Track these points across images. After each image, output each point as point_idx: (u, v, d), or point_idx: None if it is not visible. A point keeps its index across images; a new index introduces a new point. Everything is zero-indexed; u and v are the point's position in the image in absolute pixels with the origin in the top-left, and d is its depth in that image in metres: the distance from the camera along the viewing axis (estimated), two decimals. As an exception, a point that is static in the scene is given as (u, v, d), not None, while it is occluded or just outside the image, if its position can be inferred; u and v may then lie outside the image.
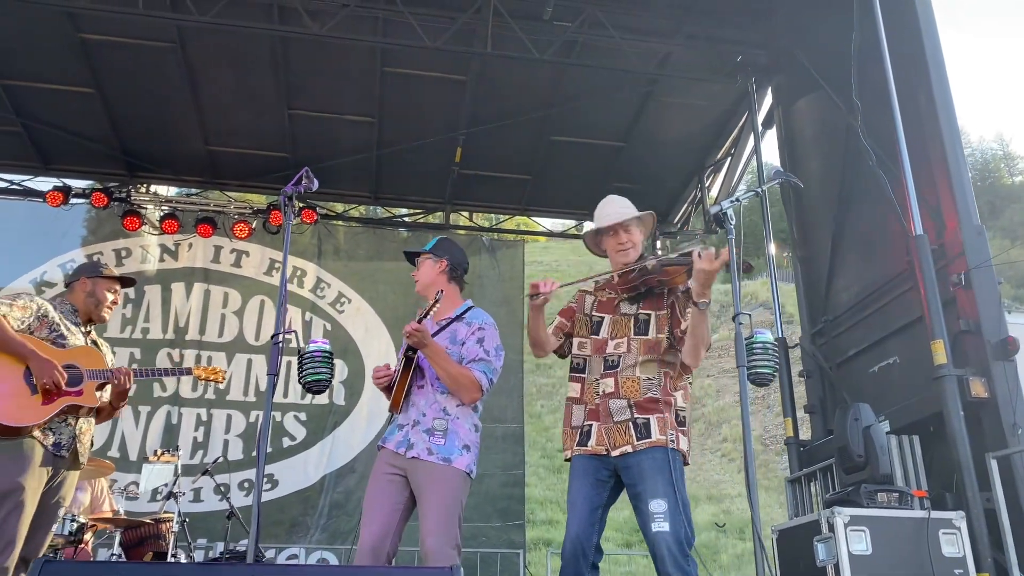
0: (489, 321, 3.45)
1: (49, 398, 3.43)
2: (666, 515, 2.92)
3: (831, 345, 6.28)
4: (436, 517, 3.12)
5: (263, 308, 8.51)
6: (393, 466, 3.27)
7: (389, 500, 3.21)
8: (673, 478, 2.98)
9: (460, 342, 3.37)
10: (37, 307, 3.63)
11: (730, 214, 2.72)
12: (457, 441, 3.26)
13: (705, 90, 7.78)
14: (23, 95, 7.64)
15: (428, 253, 3.57)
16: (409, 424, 3.31)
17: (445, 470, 3.20)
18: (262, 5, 6.72)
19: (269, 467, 7.98)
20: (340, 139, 8.25)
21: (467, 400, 3.31)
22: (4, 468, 3.32)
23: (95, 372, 3.59)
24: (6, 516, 3.25)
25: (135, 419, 7.81)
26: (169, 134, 8.15)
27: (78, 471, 3.71)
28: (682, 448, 3.13)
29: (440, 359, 3.26)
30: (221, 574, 1.75)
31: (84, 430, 3.67)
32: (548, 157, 8.61)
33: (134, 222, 8.34)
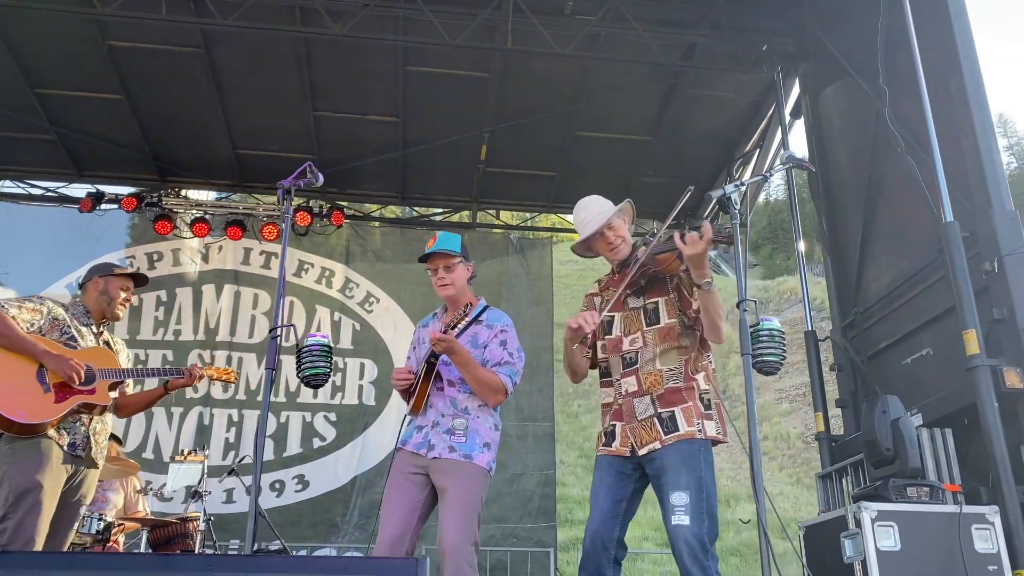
0: (509, 322, 3.44)
1: (62, 396, 3.48)
2: (687, 508, 2.83)
3: (862, 338, 6.13)
4: (456, 513, 3.11)
5: (293, 309, 8.57)
6: (414, 466, 3.26)
7: (408, 499, 3.21)
8: (699, 470, 2.90)
9: (483, 345, 3.36)
10: (48, 310, 3.69)
11: (734, 198, 2.65)
12: (478, 439, 3.26)
13: (731, 81, 7.67)
14: (56, 104, 7.80)
15: (459, 256, 3.48)
16: (428, 426, 3.30)
17: (467, 466, 3.19)
18: (284, 7, 6.76)
19: (300, 468, 8.04)
20: (365, 139, 8.28)
21: (492, 403, 3.31)
22: (22, 467, 3.38)
23: (108, 371, 3.64)
24: (25, 514, 3.30)
25: (168, 421, 7.93)
26: (197, 138, 8.25)
27: (97, 469, 3.75)
28: (710, 435, 3.03)
29: (469, 366, 3.25)
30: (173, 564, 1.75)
31: (99, 430, 3.71)
32: (574, 153, 8.55)
33: (165, 226, 8.48)
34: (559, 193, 9.11)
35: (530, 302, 8.87)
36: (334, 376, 8.28)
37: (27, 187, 8.74)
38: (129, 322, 8.25)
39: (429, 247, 3.44)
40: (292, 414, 8.22)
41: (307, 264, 8.77)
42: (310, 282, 8.74)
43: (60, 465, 3.48)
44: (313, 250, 8.83)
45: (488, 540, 8.01)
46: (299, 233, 8.75)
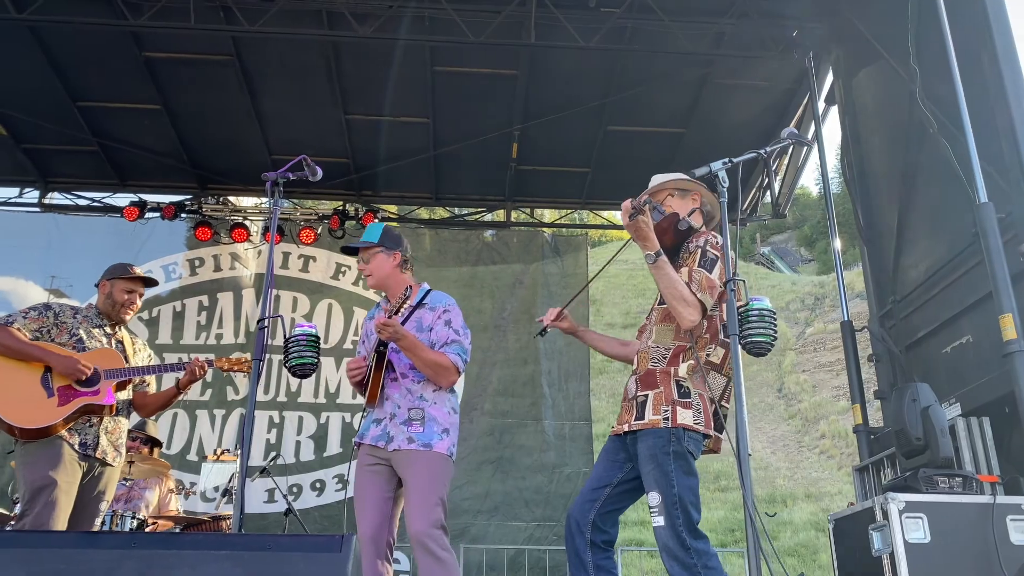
0: (451, 301, 3.46)
1: (65, 399, 3.61)
2: (660, 508, 2.78)
3: (900, 327, 5.94)
4: (420, 501, 3.14)
5: (331, 311, 8.68)
6: (375, 458, 3.29)
7: (378, 490, 3.25)
8: (667, 464, 2.81)
9: (428, 328, 3.38)
10: (54, 315, 3.83)
11: (721, 176, 2.58)
12: (436, 427, 3.28)
13: (763, 69, 7.52)
14: (98, 116, 8.04)
15: (378, 246, 3.49)
16: (386, 418, 3.33)
17: (427, 455, 3.22)
18: (310, 12, 6.85)
19: (340, 468, 8.11)
20: (397, 141, 8.33)
21: (445, 384, 3.33)
22: (37, 465, 3.52)
23: (112, 372, 3.73)
24: (40, 510, 3.43)
25: (211, 422, 8.09)
26: (234, 145, 8.42)
27: (114, 468, 3.85)
28: (681, 422, 2.88)
29: (416, 349, 3.27)
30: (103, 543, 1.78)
31: (111, 429, 3.81)
32: (607, 148, 8.47)
33: (205, 233, 8.66)
34: (593, 189, 9.04)
35: (563, 300, 8.82)
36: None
37: (74, 198, 9.04)
38: (172, 327, 8.46)
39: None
40: (332, 415, 8.30)
41: (344, 267, 8.87)
42: (347, 284, 8.83)
43: (73, 463, 3.60)
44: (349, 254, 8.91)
45: (528, 539, 8.00)
46: (336, 236, 8.86)
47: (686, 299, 2.90)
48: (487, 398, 8.52)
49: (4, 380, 3.62)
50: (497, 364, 8.63)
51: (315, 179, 3.22)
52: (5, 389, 3.59)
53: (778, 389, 27.02)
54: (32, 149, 8.46)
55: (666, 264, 2.92)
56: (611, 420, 10.65)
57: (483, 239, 9.40)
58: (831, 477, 21.43)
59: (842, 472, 21.56)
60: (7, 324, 3.73)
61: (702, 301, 2.92)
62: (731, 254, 2.66)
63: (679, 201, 3.30)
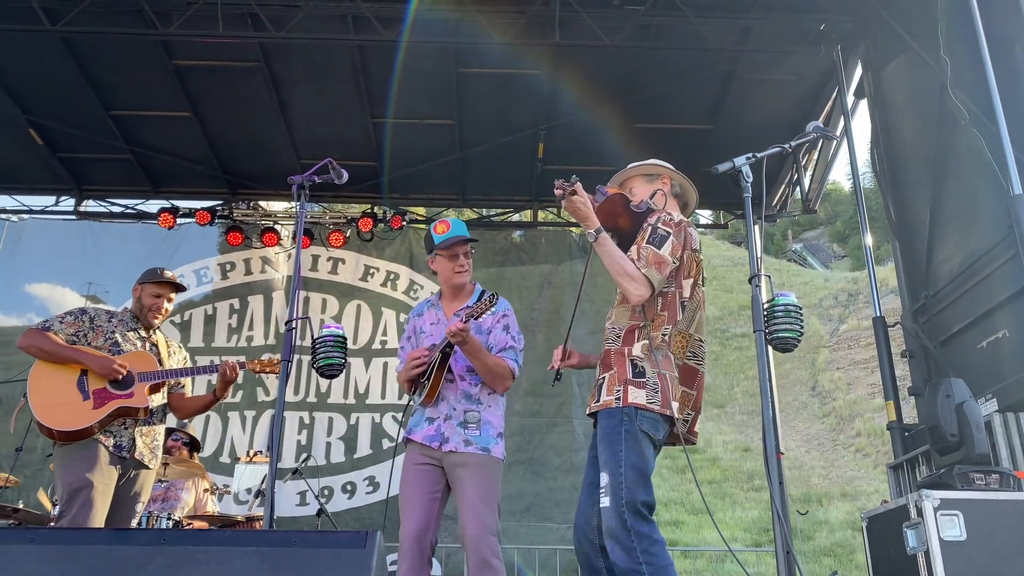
0: (509, 306, 3.50)
1: (100, 402, 3.69)
2: (607, 489, 2.74)
3: (934, 322, 5.85)
4: (477, 505, 3.13)
5: (360, 312, 8.74)
6: (427, 458, 3.28)
7: (426, 491, 3.25)
8: (617, 443, 2.77)
9: (486, 331, 3.39)
10: (89, 319, 3.92)
11: (745, 171, 2.57)
12: (491, 430, 3.29)
13: (791, 63, 7.43)
14: (131, 124, 8.18)
15: (470, 243, 3.58)
16: (440, 418, 3.33)
17: (484, 459, 3.23)
18: (336, 17, 6.91)
19: (370, 469, 8.16)
20: (423, 144, 8.38)
21: (501, 389, 3.35)
22: (74, 467, 3.60)
23: (145, 375, 3.79)
24: (78, 510, 3.51)
25: (242, 423, 8.18)
26: (263, 151, 8.51)
27: (150, 470, 3.91)
28: (632, 401, 2.82)
29: (480, 353, 3.29)
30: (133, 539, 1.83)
31: (146, 432, 3.88)
32: (633, 146, 8.40)
33: (237, 237, 8.78)
34: (621, 187, 8.99)
35: (594, 300, 8.80)
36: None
37: (108, 205, 9.20)
38: (204, 331, 8.58)
39: (442, 233, 3.44)
40: (362, 415, 8.35)
41: (372, 268, 8.94)
42: (376, 286, 8.90)
43: (108, 465, 3.67)
44: (378, 255, 9.00)
45: (560, 539, 7.97)
46: (364, 239, 8.93)
47: (630, 274, 2.89)
48: (517, 398, 8.52)
49: (42, 384, 3.71)
50: (527, 364, 8.53)
51: (341, 182, 3.26)
52: (43, 393, 3.69)
53: (812, 387, 26.71)
54: (67, 158, 8.63)
55: (607, 241, 2.93)
56: None
57: (511, 239, 9.41)
58: (867, 476, 21.13)
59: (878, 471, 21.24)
60: (45, 329, 3.83)
61: (647, 276, 2.89)
62: (756, 250, 2.64)
63: (646, 186, 3.34)
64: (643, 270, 2.91)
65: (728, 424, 24.28)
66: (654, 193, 3.25)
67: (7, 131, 8.14)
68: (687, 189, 3.38)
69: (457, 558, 7.12)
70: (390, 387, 8.37)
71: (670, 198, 3.31)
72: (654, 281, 2.92)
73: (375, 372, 8.50)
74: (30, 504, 5.39)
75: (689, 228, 3.10)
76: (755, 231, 2.61)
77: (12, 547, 1.66)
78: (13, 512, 5.19)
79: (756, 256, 2.56)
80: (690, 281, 3.07)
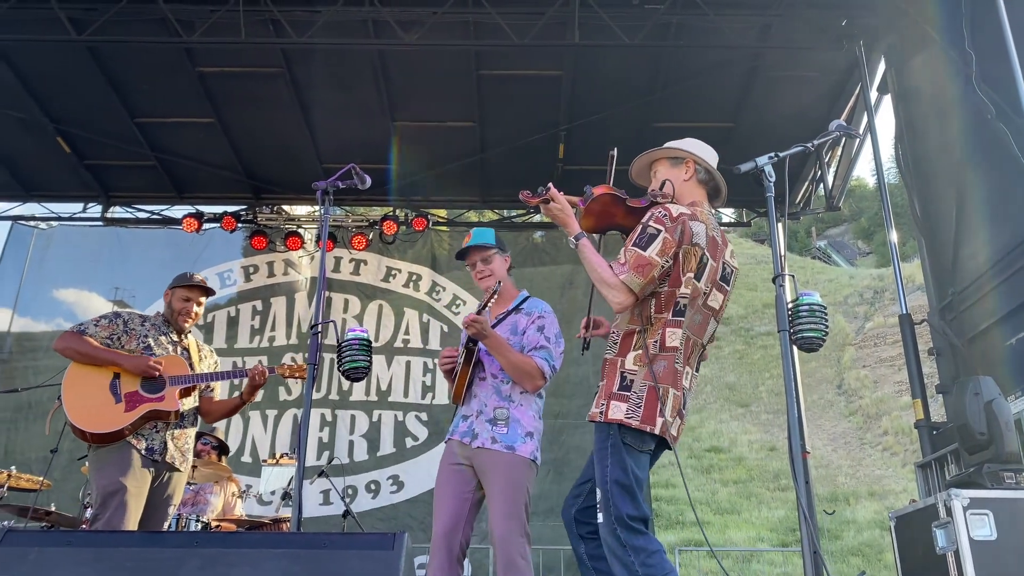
0: (548, 309, 3.49)
1: (132, 405, 3.75)
2: (601, 505, 2.71)
3: (961, 319, 5.78)
4: (502, 505, 3.15)
5: (381, 312, 8.82)
6: (460, 456, 3.31)
7: (457, 490, 3.28)
8: (605, 459, 2.75)
9: (521, 332, 3.41)
10: (123, 323, 3.99)
11: (768, 171, 2.55)
12: (520, 429, 3.29)
13: (813, 60, 7.39)
14: (155, 131, 8.29)
15: (495, 248, 3.60)
16: (473, 415, 3.37)
17: (509, 458, 3.22)
18: (357, 22, 6.95)
19: (394, 468, 8.21)
20: (444, 146, 8.42)
21: (530, 388, 3.34)
22: (108, 470, 3.67)
23: (177, 378, 3.84)
24: (112, 513, 3.57)
25: (263, 423, 8.26)
26: (286, 155, 8.58)
27: (181, 473, 3.96)
28: (612, 417, 2.75)
29: (502, 349, 3.29)
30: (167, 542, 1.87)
31: (177, 435, 3.93)
32: (654, 145, 8.38)
33: (261, 241, 8.88)
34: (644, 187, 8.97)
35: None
36: (424, 376, 8.45)
37: (134, 211, 9.33)
38: (227, 332, 8.68)
39: (464, 244, 3.51)
40: (384, 413, 8.41)
41: (394, 270, 9.00)
42: (398, 286, 8.96)
43: (141, 468, 3.73)
44: (400, 256, 9.06)
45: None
46: (386, 242, 8.99)
47: (607, 282, 2.80)
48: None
49: (76, 387, 3.78)
50: (551, 365, 8.63)
51: (364, 187, 3.29)
52: (77, 395, 3.76)
53: (838, 385, 26.48)
54: (94, 165, 8.77)
55: (585, 247, 2.87)
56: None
57: (532, 240, 9.42)
58: (895, 475, 20.91)
59: (906, 469, 21.01)
60: (80, 332, 3.90)
61: (625, 282, 2.77)
62: (780, 248, 2.63)
63: (671, 169, 3.20)
64: (622, 276, 2.79)
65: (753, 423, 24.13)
66: (663, 184, 3.11)
67: (36, 140, 8.29)
68: (714, 174, 3.20)
69: (478, 556, 7.12)
70: (413, 385, 8.43)
71: (693, 185, 3.15)
72: (633, 287, 2.79)
73: (397, 371, 8.56)
74: (62, 506, 5.48)
75: (691, 221, 2.91)
76: (778, 230, 2.58)
77: (50, 550, 1.71)
78: (46, 514, 5.28)
79: (780, 255, 2.54)
80: (689, 276, 2.87)
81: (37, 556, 1.63)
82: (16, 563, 1.62)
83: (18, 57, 7.35)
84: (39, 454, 7.67)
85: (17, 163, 8.73)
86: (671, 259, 2.84)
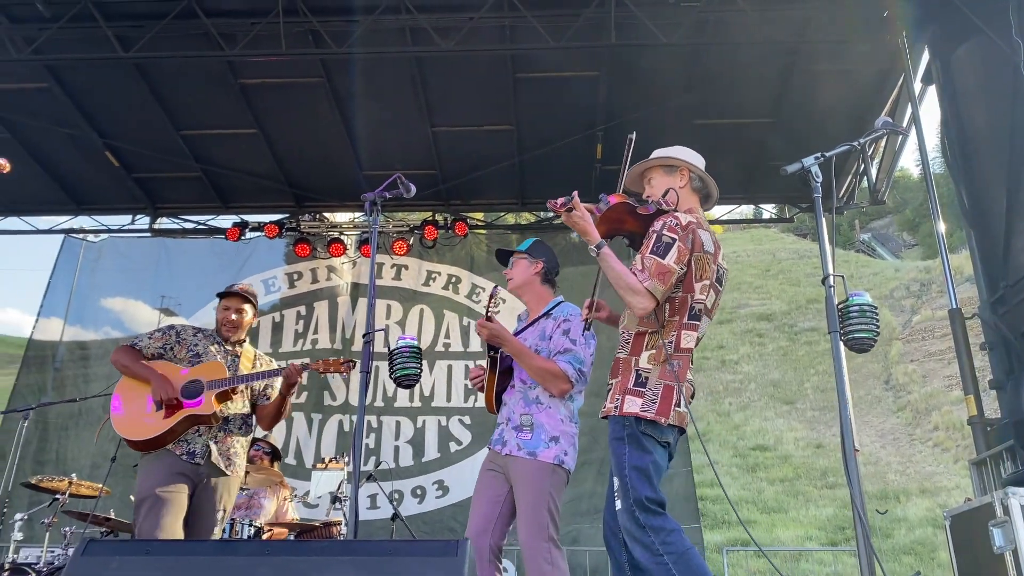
0: (575, 312, 3.51)
1: (170, 412, 3.85)
2: (619, 491, 2.82)
3: (1014, 313, 5.65)
4: (526, 512, 3.22)
5: (423, 316, 8.91)
6: (494, 463, 3.41)
7: (489, 493, 3.36)
8: (621, 449, 2.85)
9: (548, 337, 3.44)
10: (176, 333, 4.15)
11: (814, 171, 2.54)
12: (543, 434, 3.33)
13: (854, 52, 7.27)
14: (200, 143, 8.48)
15: (523, 253, 3.67)
16: (504, 423, 3.45)
17: (531, 464, 3.28)
18: (394, 30, 7.03)
19: (439, 473, 8.27)
20: (482, 150, 8.46)
21: (556, 392, 3.37)
22: (143, 478, 3.81)
23: (213, 383, 3.93)
24: (142, 521, 3.70)
25: (308, 428, 8.39)
26: (327, 164, 8.71)
27: (231, 477, 4.04)
28: (627, 411, 2.89)
29: (523, 354, 3.36)
30: (239, 550, 1.94)
31: (221, 439, 4.02)
32: (694, 142, 8.22)
33: (304, 249, 9.03)
34: (683, 185, 8.92)
35: None
36: (466, 379, 8.50)
37: (181, 222, 9.55)
38: (272, 338, 8.84)
39: None
40: (428, 419, 8.48)
41: (434, 273, 9.10)
42: (438, 289, 9.05)
43: (178, 474, 3.82)
44: (439, 260, 9.14)
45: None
46: (427, 247, 9.08)
47: (633, 288, 2.90)
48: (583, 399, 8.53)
49: (124, 397, 3.96)
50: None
51: (409, 195, 3.34)
52: (124, 405, 3.93)
53: (885, 381, 26.01)
54: (142, 178, 8.99)
55: (609, 255, 2.95)
56: (709, 418, 10.81)
57: (570, 240, 9.43)
58: (947, 471, 20.46)
59: (959, 466, 20.55)
60: (132, 345, 4.07)
61: (649, 289, 2.89)
62: (827, 248, 2.61)
63: (665, 177, 3.28)
64: (645, 283, 2.91)
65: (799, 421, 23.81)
66: (666, 192, 3.21)
67: (86, 155, 8.53)
68: (708, 181, 3.34)
69: (521, 556, 7.12)
70: (455, 390, 8.48)
71: (688, 193, 3.26)
72: (656, 293, 2.92)
73: (439, 375, 8.63)
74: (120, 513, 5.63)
75: (698, 230, 3.06)
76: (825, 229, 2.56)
77: (131, 558, 1.79)
78: (105, 520, 5.43)
79: (828, 256, 2.52)
80: (704, 283, 3.04)
81: (119, 565, 1.71)
82: (100, 572, 1.70)
83: (68, 75, 7.58)
84: (92, 460, 7.90)
85: (68, 178, 9.00)
86: (685, 266, 2.98)
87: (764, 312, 30.61)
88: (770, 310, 30.66)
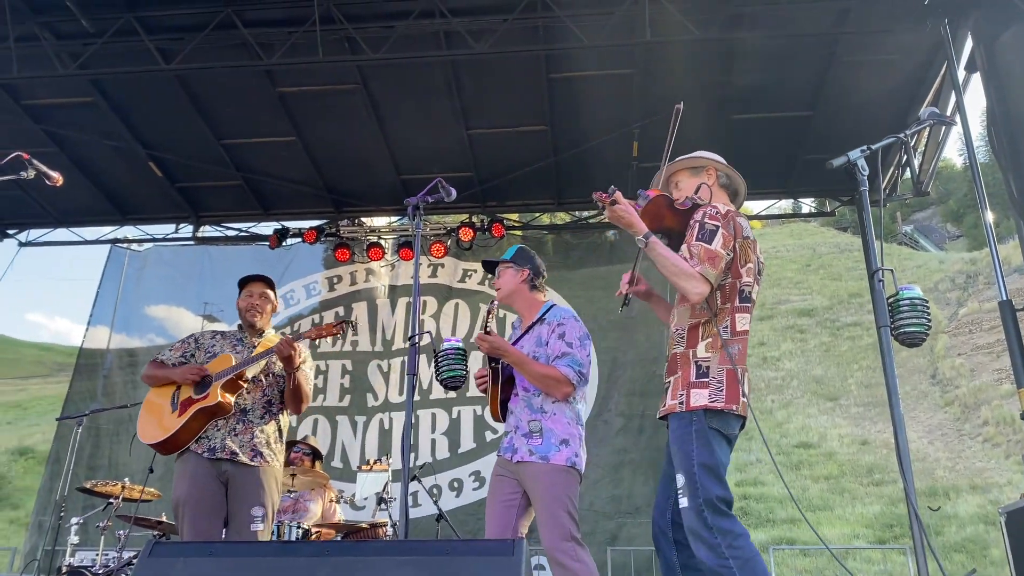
0: (568, 314, 3.57)
1: (183, 410, 3.94)
2: (684, 489, 2.78)
3: (1068, 303, 5.52)
4: (545, 516, 3.26)
5: (457, 309, 9.03)
6: (504, 468, 3.48)
7: (502, 497, 3.42)
8: (688, 444, 2.82)
9: (544, 343, 3.49)
10: (194, 340, 4.27)
11: (860, 164, 2.51)
12: (553, 438, 3.38)
13: (894, 42, 7.15)
14: (241, 151, 8.61)
15: (509, 262, 3.73)
16: (512, 430, 3.50)
17: (544, 468, 3.33)
18: (428, 35, 7.07)
19: (475, 464, 8.31)
20: (518, 151, 8.47)
21: (559, 396, 3.42)
22: (175, 485, 3.92)
23: (220, 374, 3.99)
24: (179, 525, 3.82)
25: (352, 430, 8.50)
26: (365, 169, 8.79)
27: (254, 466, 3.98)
28: (694, 404, 2.87)
29: (523, 363, 3.43)
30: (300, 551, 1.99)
31: (240, 431, 4.02)
32: (732, 137, 8.26)
33: (344, 253, 9.17)
34: (721, 181, 8.86)
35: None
36: None
37: (223, 230, 9.71)
38: (312, 339, 9.01)
39: None
40: (463, 409, 8.55)
41: (470, 271, 9.21)
42: (473, 284, 9.13)
43: (202, 473, 3.88)
44: (474, 259, 9.22)
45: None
46: (464, 248, 9.14)
47: (686, 272, 2.91)
48: (621, 397, 8.53)
49: (147, 408, 4.09)
50: (628, 363, 8.63)
51: (449, 199, 3.38)
52: (145, 415, 4.07)
53: (931, 375, 25.54)
54: (185, 187, 9.16)
55: (658, 244, 2.95)
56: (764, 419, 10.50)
57: (607, 239, 9.43)
58: (997, 467, 20.03)
59: (1010, 461, 20.10)
60: (155, 360, 4.20)
61: (703, 273, 2.91)
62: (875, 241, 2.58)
63: (692, 179, 3.33)
64: (698, 268, 2.93)
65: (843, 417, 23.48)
66: (698, 188, 3.25)
67: (130, 166, 8.71)
68: (735, 178, 3.38)
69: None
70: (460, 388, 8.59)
71: (717, 190, 3.31)
72: (710, 277, 2.93)
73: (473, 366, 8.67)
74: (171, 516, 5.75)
75: (737, 217, 3.10)
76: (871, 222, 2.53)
77: (194, 560, 1.85)
78: (156, 524, 5.55)
79: (876, 249, 2.49)
80: (748, 267, 3.07)
81: (184, 566, 1.77)
82: (167, 572, 1.75)
83: (112, 89, 7.75)
84: (140, 465, 8.08)
85: (114, 189, 9.19)
86: (731, 251, 3.00)
87: (805, 307, 30.24)
88: (811, 305, 30.29)
